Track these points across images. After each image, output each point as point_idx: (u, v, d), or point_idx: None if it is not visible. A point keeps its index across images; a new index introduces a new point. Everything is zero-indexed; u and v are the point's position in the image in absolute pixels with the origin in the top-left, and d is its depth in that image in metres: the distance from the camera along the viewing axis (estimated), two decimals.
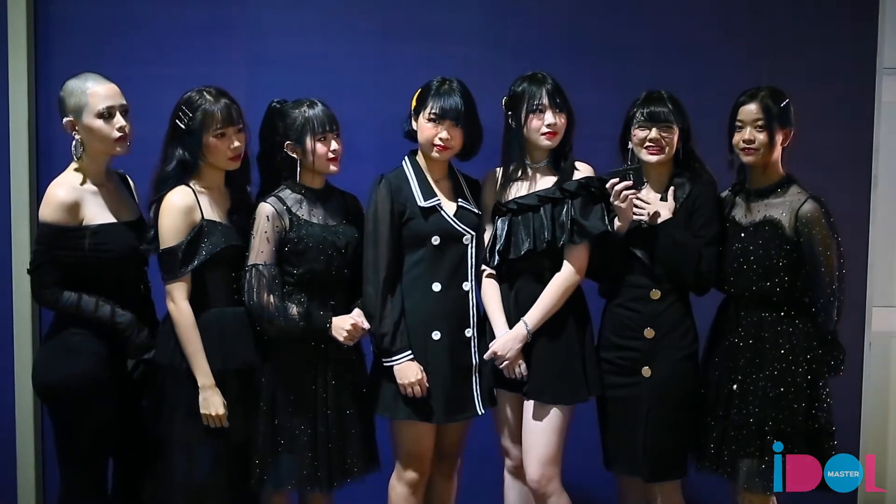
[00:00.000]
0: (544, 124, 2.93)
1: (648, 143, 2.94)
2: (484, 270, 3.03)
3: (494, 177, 3.09)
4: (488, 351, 2.96)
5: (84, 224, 2.79)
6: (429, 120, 2.92)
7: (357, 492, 3.07)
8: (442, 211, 2.97)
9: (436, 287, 2.95)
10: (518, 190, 3.01)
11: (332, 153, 2.92)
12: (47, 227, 2.78)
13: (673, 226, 2.92)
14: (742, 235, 2.93)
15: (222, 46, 3.77)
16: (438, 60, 3.53)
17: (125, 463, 2.98)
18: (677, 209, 2.95)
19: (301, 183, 2.95)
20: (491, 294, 3.01)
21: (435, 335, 2.95)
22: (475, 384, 3.01)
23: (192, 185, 2.86)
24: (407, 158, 3.04)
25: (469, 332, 3.00)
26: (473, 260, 3.00)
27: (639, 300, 2.97)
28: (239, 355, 2.89)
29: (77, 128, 2.82)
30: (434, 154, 2.95)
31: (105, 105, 2.80)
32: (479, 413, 3.02)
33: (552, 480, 2.96)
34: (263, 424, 2.90)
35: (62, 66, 3.43)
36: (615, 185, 2.89)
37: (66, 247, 2.78)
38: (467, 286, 3.00)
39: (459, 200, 3.02)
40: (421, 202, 2.95)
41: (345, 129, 2.98)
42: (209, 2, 3.79)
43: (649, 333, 2.95)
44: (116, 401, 2.87)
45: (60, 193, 2.78)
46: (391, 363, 2.92)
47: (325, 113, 2.92)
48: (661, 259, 2.93)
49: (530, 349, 2.96)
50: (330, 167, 2.93)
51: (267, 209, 2.88)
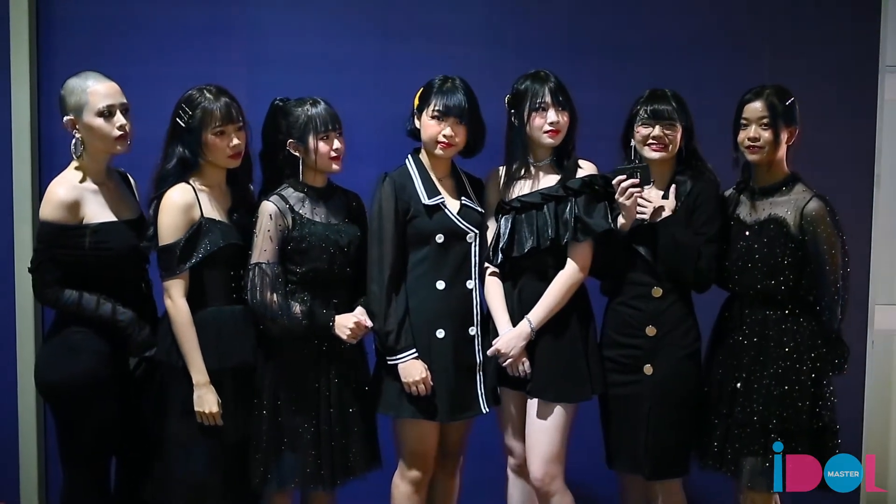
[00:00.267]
0: (547, 122, 2.93)
1: (651, 141, 2.94)
2: (487, 268, 3.03)
3: (497, 175, 3.09)
4: (491, 348, 2.96)
5: (84, 223, 2.79)
6: (432, 117, 2.92)
7: (360, 490, 3.07)
8: (446, 209, 2.97)
9: (440, 285, 2.95)
10: (521, 188, 3.00)
11: (335, 152, 2.92)
12: (48, 226, 2.78)
13: (674, 223, 2.91)
14: (747, 234, 2.93)
15: (222, 46, 3.77)
16: (439, 60, 3.53)
17: (127, 461, 2.97)
18: (678, 207, 2.94)
19: (303, 181, 2.95)
20: (494, 292, 3.01)
21: (439, 333, 2.94)
22: (479, 382, 3.01)
23: (193, 183, 2.86)
24: (410, 157, 3.04)
25: (473, 331, 3.00)
26: (477, 258, 3.00)
27: (641, 298, 2.97)
28: (236, 354, 2.89)
29: (77, 126, 2.81)
30: (438, 151, 2.95)
31: (105, 103, 2.79)
32: (484, 412, 3.02)
33: (556, 479, 2.96)
34: (266, 423, 2.90)
35: (63, 66, 3.43)
36: (621, 183, 2.89)
37: (67, 245, 2.77)
38: (471, 284, 3.00)
39: (463, 199, 3.02)
40: (425, 200, 2.95)
41: (346, 129, 2.98)
42: (209, 2, 3.78)
43: (651, 331, 2.95)
44: (118, 399, 2.86)
45: (60, 192, 2.78)
46: (395, 361, 2.91)
47: (328, 111, 2.92)
48: (662, 257, 2.92)
49: (534, 347, 2.95)
50: (332, 166, 2.93)
51: (270, 207, 2.87)
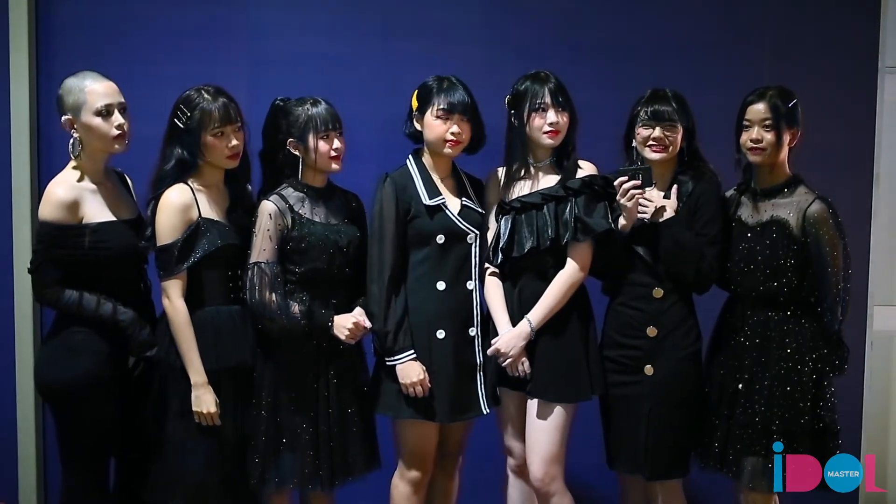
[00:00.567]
0: (547, 123, 2.92)
1: (652, 142, 2.94)
2: (487, 269, 3.02)
3: (497, 177, 3.09)
4: (491, 347, 2.96)
5: (84, 222, 2.79)
6: (437, 117, 2.92)
7: (358, 491, 3.07)
8: (446, 210, 2.96)
9: (440, 286, 2.95)
10: (521, 189, 3.00)
11: (335, 151, 2.92)
12: (47, 226, 2.77)
13: (675, 224, 2.91)
14: (749, 235, 2.93)
15: (222, 46, 3.77)
16: (439, 60, 3.52)
17: (127, 461, 2.97)
18: (680, 207, 2.94)
19: (303, 181, 2.95)
20: (494, 292, 3.00)
21: (439, 334, 2.94)
22: (479, 383, 3.01)
23: (191, 184, 2.86)
24: (411, 157, 3.03)
25: (473, 331, 3.00)
26: (477, 259, 3.00)
27: (641, 299, 2.96)
28: (234, 354, 2.89)
29: (75, 126, 2.81)
30: (447, 150, 2.94)
31: (103, 103, 2.79)
32: (484, 412, 3.02)
33: (556, 479, 2.96)
34: (265, 423, 2.90)
35: (63, 66, 3.40)
36: (623, 184, 2.89)
37: (66, 245, 2.77)
38: (471, 285, 2.99)
39: (463, 199, 3.01)
40: (426, 201, 2.94)
41: (346, 129, 2.97)
42: (209, 2, 3.77)
43: (652, 332, 2.95)
44: (118, 399, 2.86)
45: (59, 192, 2.78)
46: (394, 362, 2.91)
47: (329, 111, 2.92)
48: (664, 258, 2.92)
49: (533, 347, 2.95)
50: (332, 165, 2.93)
51: (269, 207, 2.87)
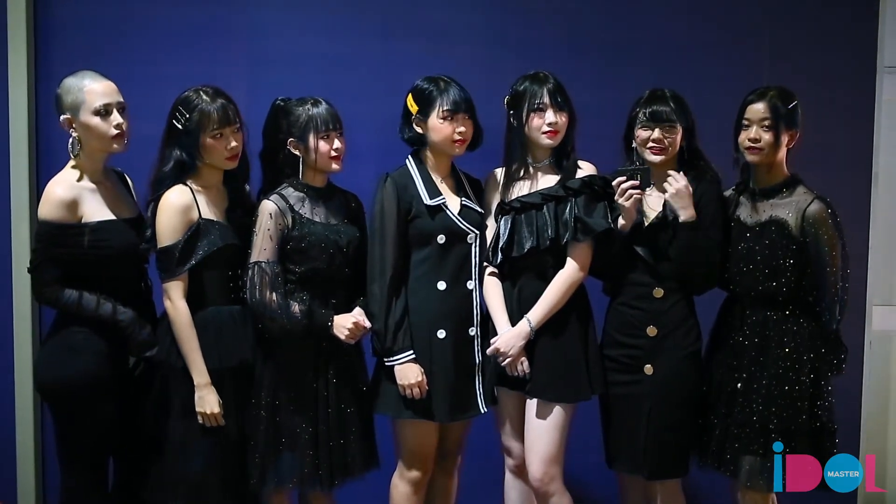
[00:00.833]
0: (545, 123, 2.92)
1: (652, 144, 2.94)
2: (486, 268, 3.02)
3: (495, 178, 3.09)
4: (490, 346, 2.96)
5: (83, 221, 2.78)
6: (443, 119, 2.92)
7: (358, 490, 3.06)
8: (447, 210, 2.96)
9: (441, 286, 2.95)
10: (521, 189, 3.00)
11: (335, 151, 2.92)
12: (46, 225, 2.77)
13: (692, 227, 2.88)
14: (748, 235, 2.93)
15: (222, 46, 3.77)
16: (439, 60, 3.52)
17: (126, 462, 2.96)
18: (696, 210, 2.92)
19: (304, 181, 2.95)
20: (493, 291, 3.00)
21: (440, 334, 2.94)
22: (478, 383, 3.01)
23: (190, 184, 2.86)
24: (411, 157, 3.03)
25: (472, 331, 3.00)
26: (477, 259, 3.00)
27: (642, 298, 2.96)
28: (235, 354, 2.89)
29: (74, 125, 2.81)
30: (456, 150, 2.95)
31: (102, 102, 2.79)
32: (483, 412, 3.02)
33: (554, 479, 2.96)
34: (265, 423, 2.90)
35: (62, 66, 3.40)
36: (621, 184, 2.89)
37: (66, 244, 2.77)
38: (471, 285, 3.00)
39: (462, 199, 3.02)
40: (427, 200, 2.94)
41: (346, 129, 2.97)
42: (209, 2, 3.78)
43: (652, 331, 2.95)
44: (118, 400, 2.86)
45: (59, 191, 2.78)
46: (392, 363, 2.91)
47: (329, 111, 2.92)
48: (676, 259, 2.90)
49: (533, 347, 2.95)
50: (332, 165, 2.93)
51: (270, 207, 2.87)
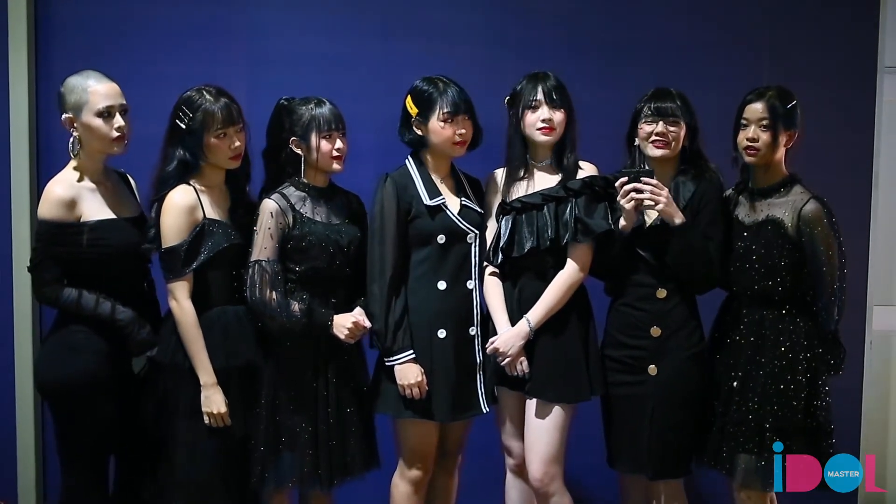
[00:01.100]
0: (539, 119, 2.92)
1: (655, 138, 2.93)
2: (486, 268, 3.02)
3: (495, 179, 3.09)
4: (490, 346, 2.96)
5: (82, 220, 2.79)
6: (443, 121, 2.92)
7: (359, 490, 3.07)
8: (447, 210, 2.97)
9: (441, 285, 2.95)
10: (521, 189, 3.00)
11: (337, 151, 2.92)
12: (46, 225, 2.78)
13: (689, 229, 2.89)
14: (745, 234, 2.93)
15: (222, 46, 3.77)
16: (439, 60, 3.53)
17: (126, 461, 2.96)
18: (684, 210, 2.93)
19: (305, 181, 2.95)
20: (493, 291, 3.00)
21: (441, 333, 2.94)
22: (479, 382, 3.01)
23: (193, 184, 2.86)
24: (410, 157, 3.03)
25: (473, 331, 3.01)
26: (476, 258, 3.01)
27: (645, 299, 2.96)
28: (241, 354, 2.89)
29: (75, 125, 2.81)
30: (456, 152, 2.96)
31: (105, 104, 2.79)
32: (484, 411, 3.03)
33: (555, 479, 2.96)
34: (265, 422, 2.90)
35: (62, 66, 3.40)
36: (623, 185, 2.89)
37: (65, 243, 2.77)
38: (471, 284, 3.00)
39: (462, 199, 3.02)
40: (427, 201, 2.95)
41: (346, 129, 2.97)
42: (209, 2, 3.78)
43: (655, 332, 2.94)
44: (118, 399, 2.86)
45: (58, 190, 2.78)
46: (392, 363, 2.91)
47: (332, 112, 2.93)
48: (673, 261, 2.90)
49: (533, 347, 2.95)
50: (334, 165, 2.93)
51: (271, 206, 2.87)
